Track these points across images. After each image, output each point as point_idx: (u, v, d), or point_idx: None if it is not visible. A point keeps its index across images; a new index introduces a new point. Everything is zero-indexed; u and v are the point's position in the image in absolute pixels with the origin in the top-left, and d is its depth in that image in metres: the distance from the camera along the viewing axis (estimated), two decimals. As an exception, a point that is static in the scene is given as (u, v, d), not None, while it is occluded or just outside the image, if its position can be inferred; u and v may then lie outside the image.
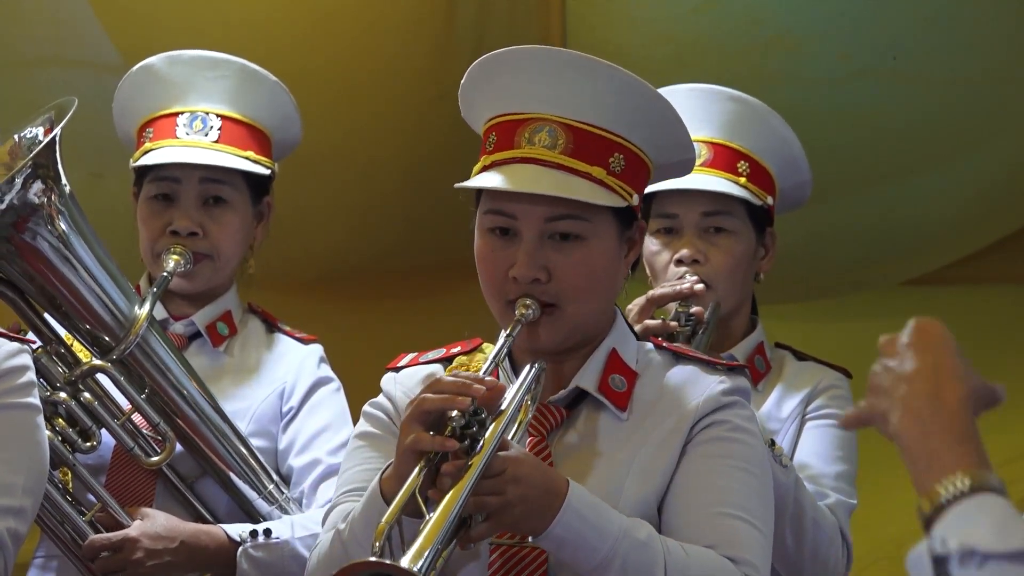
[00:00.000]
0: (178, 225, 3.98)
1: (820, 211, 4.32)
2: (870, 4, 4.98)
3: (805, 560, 3.68)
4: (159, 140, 4.04)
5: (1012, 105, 5.23)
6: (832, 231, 4.85)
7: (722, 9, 4.98)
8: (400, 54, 5.07)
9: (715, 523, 2.80)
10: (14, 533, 3.11)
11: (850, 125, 4.89)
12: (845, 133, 4.80)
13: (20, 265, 3.76)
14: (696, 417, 2.89)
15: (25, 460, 3.19)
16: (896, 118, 5.15)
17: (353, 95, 5.00)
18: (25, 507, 3.16)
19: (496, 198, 2.91)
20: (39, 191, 3.72)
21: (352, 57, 5.04)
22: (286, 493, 3.96)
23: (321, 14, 4.99)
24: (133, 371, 3.87)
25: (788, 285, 4.34)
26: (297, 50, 4.63)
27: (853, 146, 4.87)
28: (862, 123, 4.99)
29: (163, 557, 3.79)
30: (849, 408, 3.81)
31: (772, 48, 4.93)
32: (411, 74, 5.06)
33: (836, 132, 4.56)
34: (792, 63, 4.93)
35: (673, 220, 3.89)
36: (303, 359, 4.11)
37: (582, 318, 2.92)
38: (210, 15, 4.80)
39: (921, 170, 5.30)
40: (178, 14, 4.81)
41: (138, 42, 4.58)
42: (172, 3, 4.92)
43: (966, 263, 5.59)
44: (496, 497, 2.63)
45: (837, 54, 5.01)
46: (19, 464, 3.17)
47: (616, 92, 2.91)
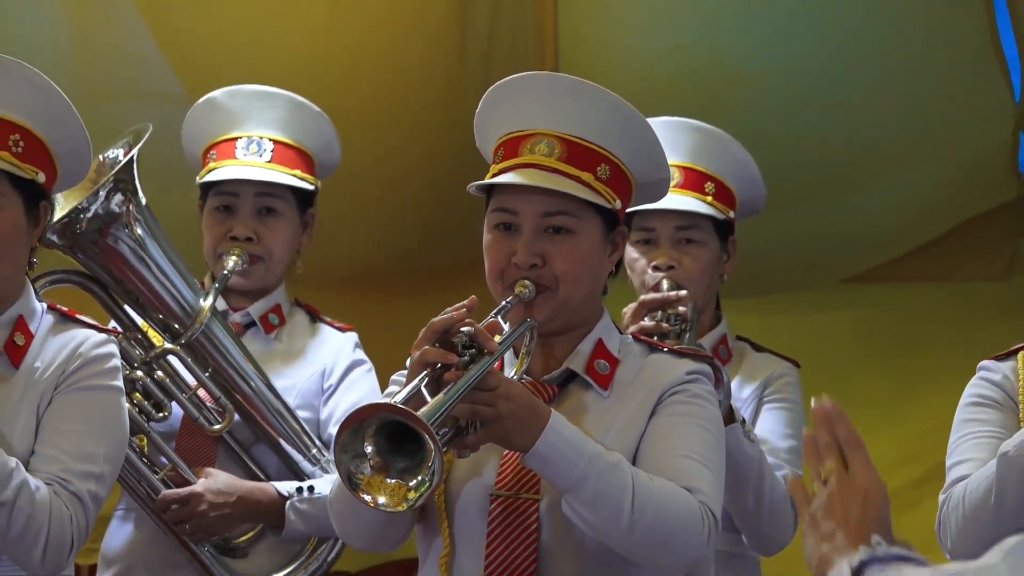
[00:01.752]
0: (237, 231, 3.97)
1: (774, 221, 4.32)
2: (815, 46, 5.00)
3: (763, 519, 3.71)
4: (221, 160, 4.03)
5: (934, 133, 5.24)
6: (784, 238, 4.86)
7: (691, 52, 4.99)
8: (419, 90, 5.09)
9: (676, 463, 2.80)
10: (94, 495, 3.07)
11: (799, 148, 4.90)
12: (795, 155, 4.81)
13: (104, 264, 3.79)
14: (663, 390, 2.89)
15: (107, 433, 3.14)
16: (838, 142, 5.17)
17: (381, 124, 5.00)
18: (105, 473, 3.12)
19: (502, 197, 2.92)
20: (119, 202, 3.74)
21: (380, 93, 5.05)
22: (327, 456, 3.94)
23: (355, 57, 5.00)
24: (198, 353, 3.88)
25: (747, 282, 4.34)
26: (336, 86, 4.62)
27: (802, 166, 4.88)
28: (809, 146, 5.01)
29: (223, 510, 3.81)
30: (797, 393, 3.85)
31: (733, 83, 4.94)
32: (428, 106, 5.07)
33: (787, 154, 4.57)
34: (750, 96, 4.94)
35: (651, 233, 3.89)
36: (341, 344, 4.10)
37: (570, 300, 2.91)
38: (263, 55, 4.81)
39: (858, 187, 5.30)
40: (235, 53, 4.83)
41: (199, 77, 4.59)
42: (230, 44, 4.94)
43: (894, 264, 5.57)
44: (489, 408, 2.65)
45: (788, 88, 5.03)
46: (102, 436, 3.12)
47: (604, 112, 2.93)
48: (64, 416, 3.10)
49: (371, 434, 2.55)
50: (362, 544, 2.98)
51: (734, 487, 3.43)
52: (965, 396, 3.17)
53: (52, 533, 2.97)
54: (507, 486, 2.84)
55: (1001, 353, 3.18)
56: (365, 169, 4.57)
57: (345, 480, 2.58)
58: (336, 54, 4.92)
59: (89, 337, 3.17)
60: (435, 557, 2.89)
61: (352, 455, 2.56)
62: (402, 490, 2.56)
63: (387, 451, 2.56)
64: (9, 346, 3.13)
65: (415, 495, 2.54)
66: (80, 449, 3.07)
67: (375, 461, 2.56)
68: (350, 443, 2.56)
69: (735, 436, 3.41)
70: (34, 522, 2.95)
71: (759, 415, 3.90)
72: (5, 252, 3.09)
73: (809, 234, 5.23)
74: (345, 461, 2.56)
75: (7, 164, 3.07)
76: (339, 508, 2.89)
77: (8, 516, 2.93)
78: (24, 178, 3.09)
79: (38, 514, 2.95)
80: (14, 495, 2.93)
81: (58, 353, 3.14)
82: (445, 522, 2.87)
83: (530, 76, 3.01)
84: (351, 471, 2.56)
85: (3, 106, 3.09)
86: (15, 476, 2.94)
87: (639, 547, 2.74)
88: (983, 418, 3.11)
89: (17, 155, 3.08)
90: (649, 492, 2.71)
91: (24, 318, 3.15)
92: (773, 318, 4.86)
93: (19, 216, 3.11)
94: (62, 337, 3.17)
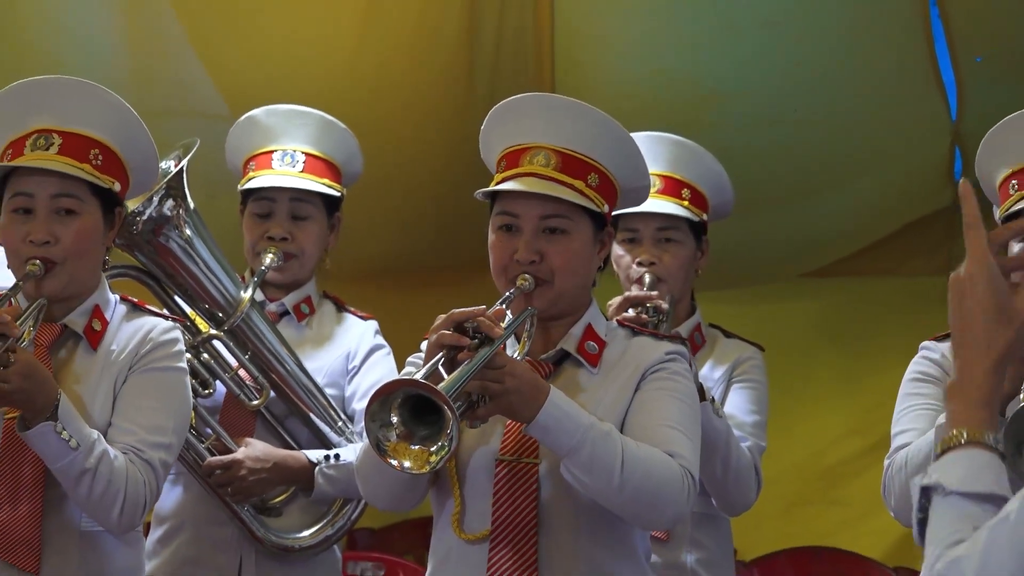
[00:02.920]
0: (273, 232, 3.96)
1: (743, 223, 4.32)
2: (780, 72, 4.99)
3: (729, 484, 3.72)
4: (259, 170, 4.02)
5: (882, 147, 5.24)
6: (752, 237, 4.87)
7: (670, 75, 4.99)
8: (432, 109, 5.08)
9: (659, 432, 2.81)
10: (163, 462, 3.09)
11: (765, 160, 4.90)
12: (761, 166, 4.81)
13: (157, 260, 3.79)
14: (646, 368, 2.90)
15: (174, 409, 3.16)
16: (798, 155, 5.16)
17: (399, 140, 4.99)
18: (172, 443, 3.13)
19: (504, 202, 2.92)
20: (171, 207, 3.75)
21: (399, 112, 5.04)
22: (351, 428, 3.94)
23: (377, 81, 4.99)
24: (239, 338, 3.87)
25: (719, 276, 4.32)
26: (361, 106, 4.61)
27: (767, 176, 4.88)
28: (774, 159, 5.00)
29: (260, 474, 3.81)
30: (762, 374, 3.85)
31: (707, 103, 4.94)
32: (440, 124, 5.06)
33: (755, 165, 4.58)
34: (722, 114, 4.93)
35: (635, 233, 3.89)
36: (363, 331, 4.08)
37: (564, 291, 2.92)
38: (296, 79, 4.79)
39: (817, 194, 5.30)
40: (272, 77, 4.82)
41: (241, 98, 4.58)
42: (268, 69, 4.93)
43: (847, 261, 5.58)
44: (497, 384, 2.66)
45: (755, 108, 5.02)
46: (169, 411, 3.14)
47: (594, 127, 2.94)
48: (137, 393, 3.11)
49: (396, 406, 2.57)
50: (385, 505, 3.00)
51: (704, 456, 3.40)
52: (908, 373, 3.16)
53: (128, 496, 2.99)
54: (510, 452, 2.85)
55: (940, 335, 3.16)
56: (384, 178, 4.57)
57: (374, 446, 2.59)
58: (361, 79, 4.91)
59: (158, 324, 3.18)
60: (448, 516, 2.90)
61: (380, 424, 2.58)
62: (424, 455, 2.58)
63: (411, 421, 2.58)
64: (88, 331, 3.14)
65: (436, 458, 2.56)
66: (151, 423, 3.08)
67: (400, 430, 2.58)
68: (378, 414, 2.57)
69: (705, 412, 3.39)
70: (112, 486, 2.96)
71: (728, 393, 3.90)
72: (86, 251, 3.10)
73: (774, 235, 5.22)
74: (374, 430, 2.58)
75: (89, 175, 3.07)
76: (365, 472, 2.90)
77: (91, 481, 2.94)
78: (102, 187, 3.10)
79: (116, 479, 2.97)
80: (96, 463, 2.94)
81: (131, 338, 3.14)
82: (456, 485, 2.88)
83: (529, 97, 3.02)
84: (379, 438, 2.58)
85: (86, 124, 3.10)
86: (96, 447, 2.95)
87: (628, 505, 2.75)
88: (923, 392, 3.10)
89: (97, 167, 3.09)
90: (636, 457, 2.73)
91: (100, 307, 3.16)
92: (742, 308, 4.87)
93: (98, 220, 3.12)
94: (134, 324, 3.17)
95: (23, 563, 3.01)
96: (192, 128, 4.12)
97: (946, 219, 5.44)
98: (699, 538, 3.87)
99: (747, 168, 4.18)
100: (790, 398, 4.78)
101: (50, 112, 3.10)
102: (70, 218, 3.07)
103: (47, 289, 3.07)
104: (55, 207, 3.06)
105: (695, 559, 3.85)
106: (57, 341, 3.12)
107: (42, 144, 3.07)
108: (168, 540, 3.91)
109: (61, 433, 2.90)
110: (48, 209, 3.06)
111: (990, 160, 3.10)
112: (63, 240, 3.05)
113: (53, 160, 3.05)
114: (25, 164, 3.06)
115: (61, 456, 2.92)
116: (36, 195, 3.06)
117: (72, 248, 3.06)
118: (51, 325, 3.12)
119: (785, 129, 5.05)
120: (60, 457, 2.92)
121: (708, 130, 4.20)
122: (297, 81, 4.57)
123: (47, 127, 3.09)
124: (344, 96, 4.51)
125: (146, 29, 5.06)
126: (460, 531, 2.87)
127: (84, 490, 2.95)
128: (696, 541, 3.86)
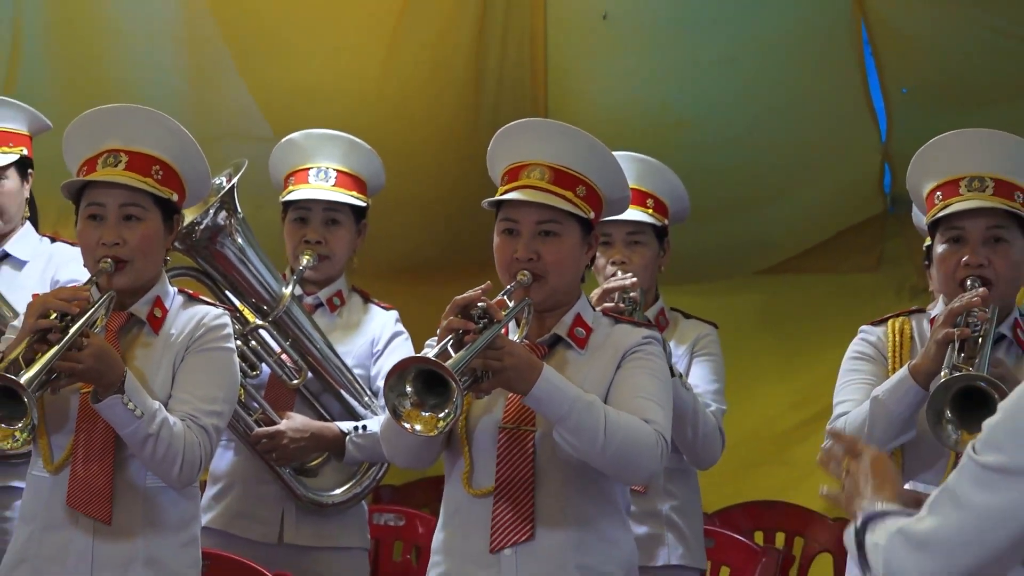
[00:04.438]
0: (309, 237, 3.95)
1: (702, 228, 4.33)
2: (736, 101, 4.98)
3: (698, 444, 3.71)
4: (298, 185, 4.01)
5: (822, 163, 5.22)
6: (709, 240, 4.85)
7: (644, 102, 4.98)
8: (446, 133, 5.06)
9: (637, 403, 2.81)
10: (216, 427, 3.07)
11: (721, 175, 4.89)
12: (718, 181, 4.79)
13: (212, 262, 3.80)
14: (626, 350, 2.90)
15: (224, 382, 3.13)
16: (750, 171, 5.14)
17: (417, 159, 4.97)
18: (223, 411, 3.11)
19: (507, 210, 2.92)
20: (224, 217, 3.76)
21: (417, 135, 5.02)
22: (376, 403, 3.92)
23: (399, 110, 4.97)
24: (281, 327, 3.86)
25: (681, 273, 4.32)
26: (384, 131, 4.57)
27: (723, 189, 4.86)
28: (729, 174, 4.98)
29: (300, 443, 3.81)
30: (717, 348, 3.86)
31: (676, 127, 4.93)
32: (452, 145, 5.04)
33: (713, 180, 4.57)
34: (688, 136, 4.92)
35: (608, 237, 3.85)
36: (386, 320, 4.07)
37: (557, 286, 2.92)
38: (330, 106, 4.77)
39: (766, 203, 5.28)
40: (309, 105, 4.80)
41: (283, 123, 4.55)
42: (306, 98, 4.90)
43: (792, 260, 5.55)
44: (498, 362, 2.67)
45: (714, 131, 5.00)
46: (220, 384, 3.12)
47: (581, 147, 2.93)
48: (193, 370, 3.09)
49: (411, 379, 2.59)
50: (404, 463, 3.00)
51: (676, 423, 3.41)
52: (849, 352, 3.15)
53: (186, 457, 2.98)
54: (511, 420, 2.85)
55: (876, 320, 3.16)
56: (405, 190, 4.56)
57: (391, 412, 2.61)
58: (385, 108, 4.90)
59: (209, 311, 3.17)
60: (458, 473, 2.90)
61: (397, 394, 2.59)
62: (433, 420, 2.59)
63: (422, 392, 2.59)
64: (151, 318, 3.13)
65: (443, 423, 2.58)
66: (205, 394, 3.07)
67: (413, 399, 2.59)
68: (395, 385, 2.59)
69: (675, 386, 3.35)
70: (172, 449, 2.96)
71: (691, 366, 3.89)
72: (149, 251, 3.09)
73: (728, 238, 5.19)
74: (391, 398, 2.59)
75: (151, 187, 3.08)
76: (387, 436, 2.90)
77: (154, 444, 2.94)
78: (162, 197, 3.10)
79: (175, 442, 2.96)
80: (158, 428, 2.94)
81: (187, 323, 3.13)
82: (466, 447, 2.89)
83: (526, 122, 3.02)
84: (395, 406, 2.60)
85: (148, 145, 3.10)
86: (158, 415, 2.95)
87: (611, 464, 2.76)
88: (861, 369, 3.10)
89: (158, 180, 3.09)
90: (617, 423, 2.73)
91: (161, 298, 3.15)
92: (700, 300, 4.82)
93: (159, 225, 3.11)
94: (189, 312, 3.16)
95: (97, 513, 3.01)
96: (243, 149, 4.13)
97: (877, 225, 5.44)
98: (672, 489, 3.87)
99: (706, 182, 4.17)
100: (743, 376, 4.77)
101: (118, 135, 3.10)
102: (136, 223, 3.06)
103: (117, 283, 3.06)
104: (123, 214, 3.06)
105: (669, 507, 3.86)
106: (124, 326, 3.11)
107: (111, 162, 3.08)
108: (221, 496, 3.91)
109: (127, 404, 2.90)
110: (117, 216, 3.05)
111: (918, 175, 3.09)
112: (130, 242, 3.05)
113: (121, 175, 3.06)
114: (98, 178, 3.07)
115: (128, 424, 2.92)
116: (107, 204, 3.06)
117: (138, 248, 3.06)
118: (119, 313, 3.11)
119: (738, 150, 5.03)
120: (127, 424, 2.92)
121: (674, 150, 4.19)
122: (330, 110, 4.55)
123: (116, 147, 3.09)
124: (370, 122, 4.50)
125: (205, 66, 5.06)
126: (469, 487, 2.87)
127: (148, 452, 2.95)
128: (669, 492, 3.86)
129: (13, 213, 4.01)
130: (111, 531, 3.02)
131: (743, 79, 4.96)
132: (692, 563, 3.86)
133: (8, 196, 3.99)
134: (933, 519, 1.77)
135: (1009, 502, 1.71)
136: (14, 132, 4.00)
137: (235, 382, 3.18)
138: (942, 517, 1.76)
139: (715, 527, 4.26)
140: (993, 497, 1.72)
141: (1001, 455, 1.72)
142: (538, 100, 5.04)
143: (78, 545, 3.02)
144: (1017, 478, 1.71)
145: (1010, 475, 1.71)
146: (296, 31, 4.95)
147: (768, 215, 5.31)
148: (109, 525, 3.01)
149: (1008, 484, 1.72)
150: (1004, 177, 2.98)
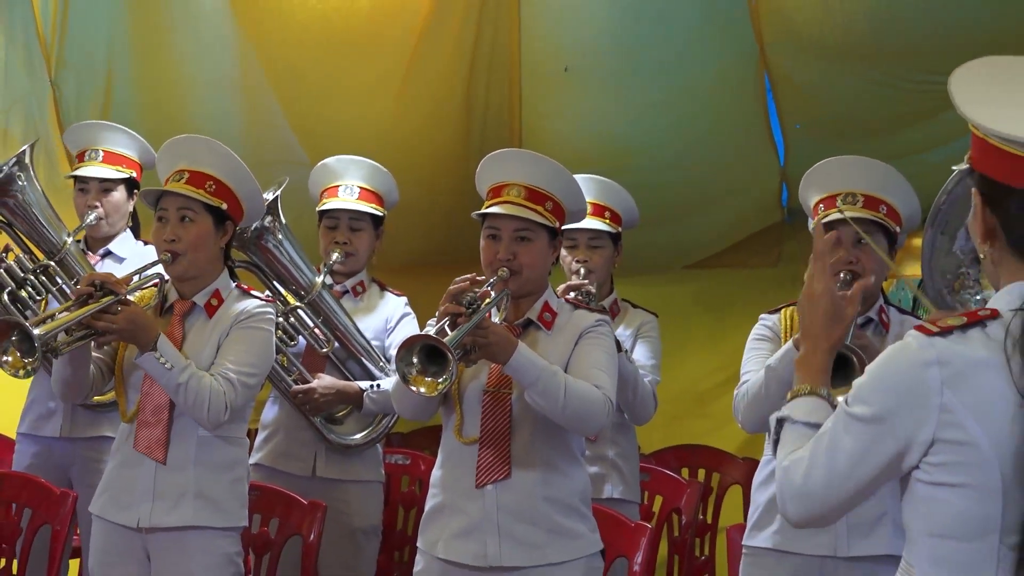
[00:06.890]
0: (338, 238, 3.94)
1: (646, 232, 4.27)
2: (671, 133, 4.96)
3: (636, 405, 3.71)
4: (330, 198, 3.99)
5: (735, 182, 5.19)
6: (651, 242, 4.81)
7: (599, 135, 4.93)
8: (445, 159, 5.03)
9: (589, 372, 2.79)
10: (244, 384, 3.03)
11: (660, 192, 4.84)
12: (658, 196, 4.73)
13: (261, 257, 3.79)
14: (582, 331, 2.88)
15: (257, 351, 3.09)
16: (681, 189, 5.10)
17: (423, 178, 4.93)
18: (254, 374, 3.06)
19: (491, 220, 2.91)
20: (269, 221, 3.76)
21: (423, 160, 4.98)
22: (390, 367, 3.90)
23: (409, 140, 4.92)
24: (315, 308, 3.85)
25: (631, 268, 4.29)
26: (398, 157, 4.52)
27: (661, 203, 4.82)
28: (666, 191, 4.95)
29: (328, 398, 3.80)
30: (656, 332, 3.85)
31: (624, 154, 4.90)
32: (449, 167, 5.01)
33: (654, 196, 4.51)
34: (634, 161, 4.88)
35: (574, 241, 3.84)
36: (397, 304, 4.05)
37: (529, 279, 2.91)
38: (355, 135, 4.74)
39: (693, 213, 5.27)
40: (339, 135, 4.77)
41: (317, 150, 4.53)
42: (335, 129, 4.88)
43: (714, 257, 5.52)
44: (483, 339, 2.65)
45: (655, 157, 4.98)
46: (253, 353, 3.08)
47: (550, 172, 2.92)
48: (233, 341, 3.07)
49: (416, 352, 2.57)
50: (410, 416, 2.97)
51: (620, 388, 3.42)
52: (752, 333, 3.15)
53: (212, 402, 2.96)
54: (493, 385, 2.85)
55: (772, 309, 3.17)
56: (413, 203, 4.52)
57: (400, 377, 2.59)
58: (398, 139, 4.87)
59: (256, 302, 3.15)
60: (451, 425, 2.89)
61: (405, 363, 2.57)
62: (434, 384, 2.57)
63: (425, 362, 2.57)
64: (208, 306, 3.13)
65: (442, 386, 2.55)
66: (239, 360, 3.04)
67: (418, 367, 2.57)
68: (404, 356, 2.57)
69: (621, 360, 3.34)
70: (200, 396, 2.94)
71: (636, 345, 3.88)
72: (200, 247, 3.08)
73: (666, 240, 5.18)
74: (401, 367, 2.57)
75: (202, 196, 3.07)
76: (397, 395, 2.89)
77: (184, 391, 2.93)
78: (212, 205, 3.09)
79: (202, 391, 2.95)
80: (187, 379, 2.93)
81: (236, 309, 3.12)
82: (458, 405, 2.87)
83: (507, 151, 3.00)
84: (404, 372, 2.57)
85: (205, 165, 3.10)
86: (188, 369, 2.95)
87: (569, 420, 2.74)
88: (759, 347, 3.09)
89: (210, 192, 3.09)
90: (575, 388, 2.72)
91: (219, 290, 3.14)
92: (644, 288, 4.85)
93: (209, 227, 3.09)
94: (241, 303, 3.14)
95: (155, 455, 3.01)
96: (286, 173, 4.16)
97: (776, 231, 5.42)
98: (616, 439, 3.86)
99: (647, 197, 4.13)
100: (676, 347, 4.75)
101: (185, 157, 3.12)
102: (189, 224, 3.07)
103: (173, 272, 3.09)
104: (179, 216, 3.06)
105: (614, 452, 3.85)
106: (189, 312, 3.11)
107: (177, 178, 3.10)
108: (268, 440, 3.91)
109: (160, 359, 2.90)
110: (175, 218, 3.07)
111: (807, 190, 3.12)
112: (183, 239, 3.05)
113: (180, 187, 3.07)
114: (165, 189, 3.08)
115: (162, 375, 2.92)
116: (169, 209, 3.08)
117: (190, 244, 3.06)
118: (185, 301, 3.12)
119: (672, 172, 5.00)
120: (161, 376, 2.92)
121: (623, 173, 4.16)
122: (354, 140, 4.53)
123: (183, 167, 3.11)
124: (387, 150, 4.48)
125: (257, 108, 5.06)
126: (460, 436, 2.87)
127: (181, 397, 2.94)
128: (614, 440, 3.85)
129: (116, 220, 4.05)
130: (167, 470, 3.01)
131: (675, 117, 4.95)
132: (630, 497, 3.87)
133: (114, 205, 4.02)
134: (810, 461, 1.78)
135: (872, 444, 1.74)
136: (127, 157, 4.05)
137: (268, 355, 3.12)
138: (819, 457, 1.78)
139: (651, 465, 4.26)
140: (859, 440, 1.74)
141: (867, 407, 1.74)
142: (515, 132, 5.02)
143: (144, 479, 3.01)
144: (878, 425, 1.74)
145: (872, 423, 1.73)
146: (327, 80, 4.95)
147: (695, 223, 5.29)
148: (165, 465, 3.00)
149: (871, 430, 1.74)
150: (871, 193, 3.00)
